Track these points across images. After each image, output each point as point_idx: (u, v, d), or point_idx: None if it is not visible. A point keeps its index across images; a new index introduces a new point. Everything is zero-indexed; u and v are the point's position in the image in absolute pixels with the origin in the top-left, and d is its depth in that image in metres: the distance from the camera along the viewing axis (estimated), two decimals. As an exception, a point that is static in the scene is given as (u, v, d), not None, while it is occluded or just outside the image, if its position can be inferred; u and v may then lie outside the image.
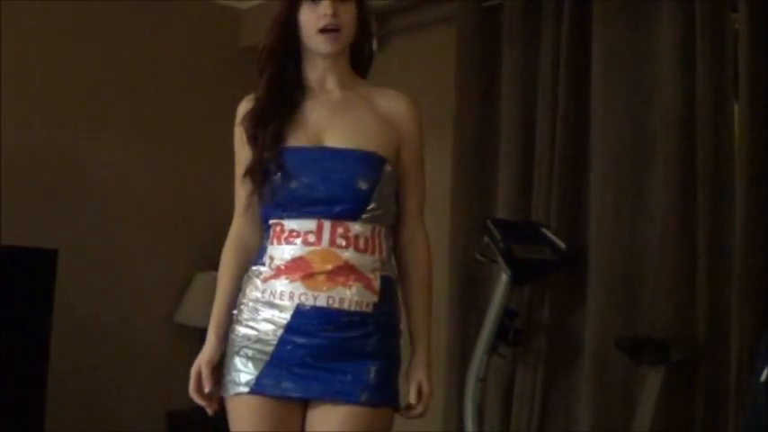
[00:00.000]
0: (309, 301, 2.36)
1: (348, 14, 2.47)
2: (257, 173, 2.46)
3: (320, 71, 2.53)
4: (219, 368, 2.50)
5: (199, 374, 2.50)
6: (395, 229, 2.57)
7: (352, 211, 2.41)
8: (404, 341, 2.58)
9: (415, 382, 2.57)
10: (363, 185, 2.42)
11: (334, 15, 2.42)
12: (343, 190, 2.40)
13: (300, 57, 2.53)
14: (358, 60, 2.61)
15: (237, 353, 2.44)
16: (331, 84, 2.55)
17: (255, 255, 2.51)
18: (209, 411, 2.52)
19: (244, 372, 2.41)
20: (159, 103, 5.67)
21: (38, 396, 4.58)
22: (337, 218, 2.39)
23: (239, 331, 2.45)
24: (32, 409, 4.56)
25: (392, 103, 2.58)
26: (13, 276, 4.62)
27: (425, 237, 2.64)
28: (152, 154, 5.60)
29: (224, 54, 5.75)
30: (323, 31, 2.44)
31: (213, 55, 5.78)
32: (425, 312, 2.64)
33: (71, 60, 5.34)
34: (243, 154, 2.53)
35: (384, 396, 2.44)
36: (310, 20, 2.44)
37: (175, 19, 5.78)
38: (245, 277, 2.51)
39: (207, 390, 2.49)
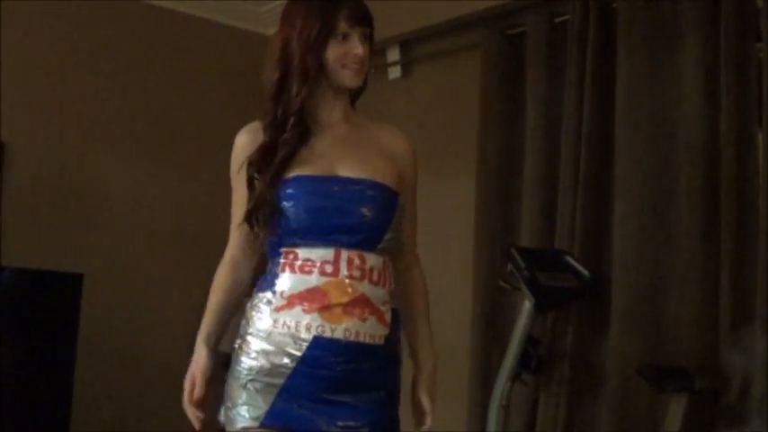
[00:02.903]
0: (327, 333, 2.33)
1: (367, 51, 2.48)
2: (262, 211, 2.44)
3: (330, 104, 2.53)
4: (219, 396, 2.48)
5: (193, 385, 2.50)
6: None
7: (371, 241, 2.41)
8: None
9: (417, 400, 2.59)
10: (382, 215, 2.43)
11: (363, 55, 2.45)
12: (363, 219, 2.40)
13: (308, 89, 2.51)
14: (353, 92, 2.61)
15: (244, 386, 2.39)
16: (336, 116, 2.55)
17: (260, 282, 2.48)
18: (197, 424, 2.49)
19: (252, 405, 2.37)
20: (183, 129, 5.72)
21: (63, 418, 4.62)
22: (355, 247, 2.39)
23: (246, 363, 2.41)
24: (58, 430, 4.59)
25: (393, 139, 2.61)
26: (40, 300, 4.67)
27: (422, 270, 2.66)
28: (176, 180, 5.65)
29: (247, 79, 5.79)
30: (350, 67, 2.45)
31: (237, 79, 5.82)
32: (429, 339, 2.63)
33: (95, 86, 5.41)
34: (242, 187, 2.51)
35: (388, 428, 2.45)
36: (338, 54, 2.43)
37: (200, 45, 5.84)
38: (250, 305, 2.47)
39: (198, 395, 2.48)
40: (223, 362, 2.54)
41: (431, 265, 2.77)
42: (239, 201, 2.53)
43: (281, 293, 2.39)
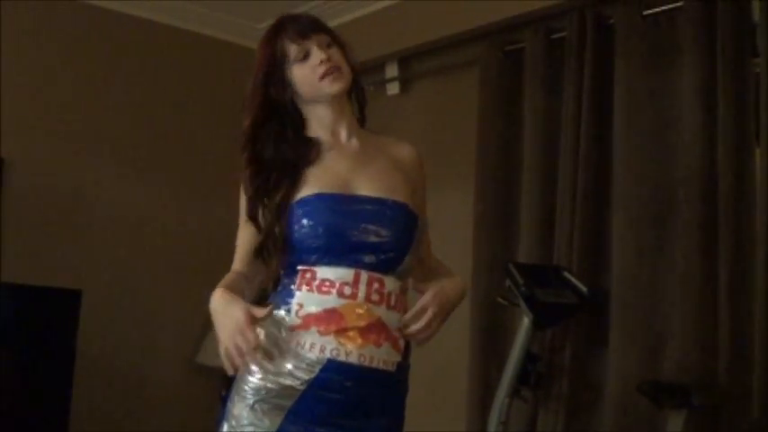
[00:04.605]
0: (341, 357, 2.27)
1: (337, 54, 2.46)
2: (271, 244, 2.41)
3: (329, 121, 2.51)
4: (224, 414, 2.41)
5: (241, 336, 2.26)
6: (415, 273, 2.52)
7: (391, 262, 2.36)
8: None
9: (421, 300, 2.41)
10: (404, 237, 2.40)
11: (329, 59, 2.42)
12: (383, 239, 2.36)
13: (301, 118, 2.52)
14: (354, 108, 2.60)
15: (251, 406, 2.32)
16: (344, 133, 2.52)
17: (272, 298, 2.42)
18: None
19: (258, 427, 2.30)
20: (182, 146, 5.72)
21: (61, 435, 4.61)
22: (375, 269, 2.33)
23: (253, 383, 2.34)
24: (55, 448, 4.58)
25: (403, 152, 2.59)
26: (38, 316, 4.66)
27: (444, 265, 2.64)
28: (175, 197, 5.65)
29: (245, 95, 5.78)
30: (324, 75, 2.43)
31: (236, 95, 5.79)
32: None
33: (95, 103, 5.41)
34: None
35: None
36: (306, 74, 2.43)
37: (198, 61, 5.85)
38: (259, 321, 2.39)
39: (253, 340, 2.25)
40: (223, 377, 2.50)
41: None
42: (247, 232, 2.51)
43: (297, 312, 2.33)
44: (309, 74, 2.43)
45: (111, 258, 5.36)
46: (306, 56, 2.43)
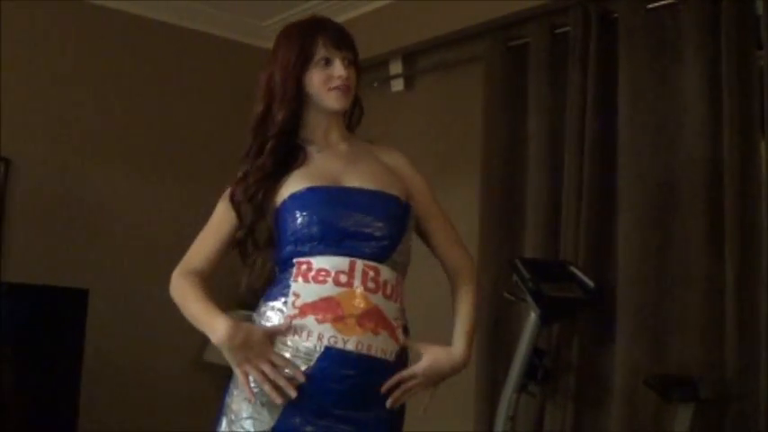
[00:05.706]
0: (339, 345, 2.29)
1: (353, 76, 2.54)
2: (258, 236, 2.49)
3: (324, 127, 2.58)
4: (222, 408, 2.45)
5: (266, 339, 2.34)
6: (441, 258, 2.61)
7: (384, 250, 2.40)
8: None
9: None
10: (395, 225, 2.44)
11: (347, 78, 2.50)
12: (375, 227, 2.40)
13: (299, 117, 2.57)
14: (348, 120, 2.68)
15: (250, 399, 2.35)
16: (335, 137, 2.60)
17: (269, 292, 2.45)
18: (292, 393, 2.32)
19: (257, 420, 2.33)
20: (187, 144, 5.73)
21: (69, 434, 4.61)
22: (370, 257, 2.37)
23: (252, 375, 2.36)
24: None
25: (390, 156, 2.65)
26: (45, 316, 4.67)
27: (474, 291, 2.63)
28: (180, 195, 5.65)
29: (250, 93, 5.78)
30: (335, 89, 2.50)
31: (240, 94, 5.81)
32: (463, 332, 2.57)
33: (99, 102, 5.42)
34: (228, 217, 2.63)
35: None
36: (321, 80, 2.49)
37: (203, 60, 5.85)
38: (257, 314, 2.45)
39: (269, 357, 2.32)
40: (225, 373, 2.51)
41: (436, 278, 2.76)
42: (223, 223, 2.69)
43: (293, 302, 2.35)
44: (324, 81, 2.50)
45: (118, 257, 5.37)
46: (327, 63, 2.50)
